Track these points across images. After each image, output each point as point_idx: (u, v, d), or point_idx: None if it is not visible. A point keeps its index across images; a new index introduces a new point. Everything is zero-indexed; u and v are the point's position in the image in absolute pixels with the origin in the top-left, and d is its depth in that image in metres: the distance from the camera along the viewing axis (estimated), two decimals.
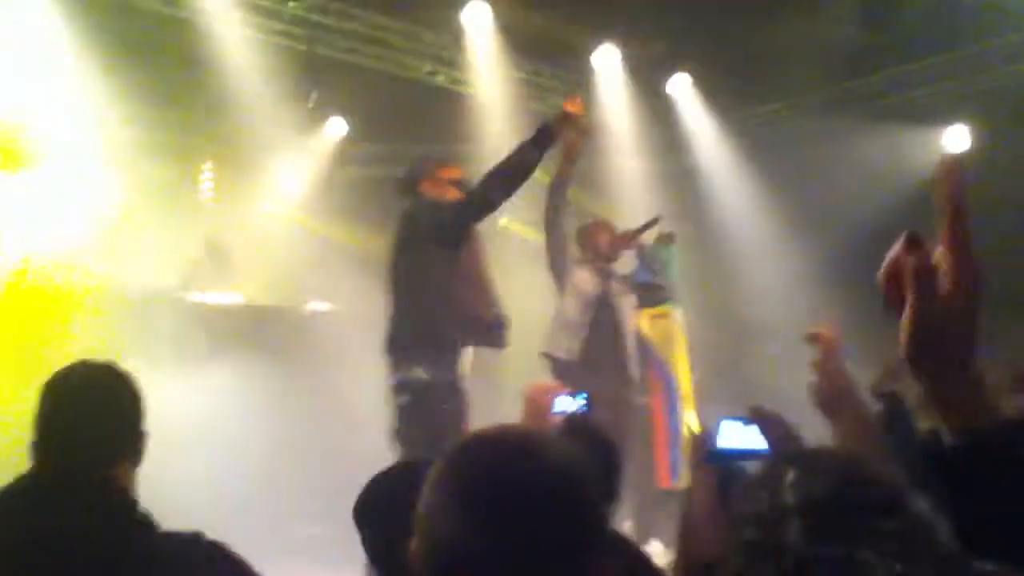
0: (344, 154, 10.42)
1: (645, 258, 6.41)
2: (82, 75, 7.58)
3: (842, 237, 8.32)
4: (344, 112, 9.96)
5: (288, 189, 10.15)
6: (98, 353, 2.56)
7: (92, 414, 2.23)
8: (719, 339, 8.35)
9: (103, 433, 2.21)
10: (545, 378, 5.52)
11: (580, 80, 9.24)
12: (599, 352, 5.74)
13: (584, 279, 5.83)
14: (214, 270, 8.51)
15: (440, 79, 9.05)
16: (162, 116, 9.19)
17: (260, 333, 7.84)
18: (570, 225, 6.04)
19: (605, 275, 5.93)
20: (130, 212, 8.77)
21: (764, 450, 2.26)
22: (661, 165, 9.57)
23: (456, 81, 9.01)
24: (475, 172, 9.30)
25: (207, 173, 10.20)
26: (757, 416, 2.29)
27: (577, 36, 8.76)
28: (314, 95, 8.87)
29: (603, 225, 6.14)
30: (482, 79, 8.82)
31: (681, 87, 9.27)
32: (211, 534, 2.20)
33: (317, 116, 9.55)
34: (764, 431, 2.26)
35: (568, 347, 5.72)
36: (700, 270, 8.79)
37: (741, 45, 8.41)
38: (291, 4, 7.97)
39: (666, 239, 6.60)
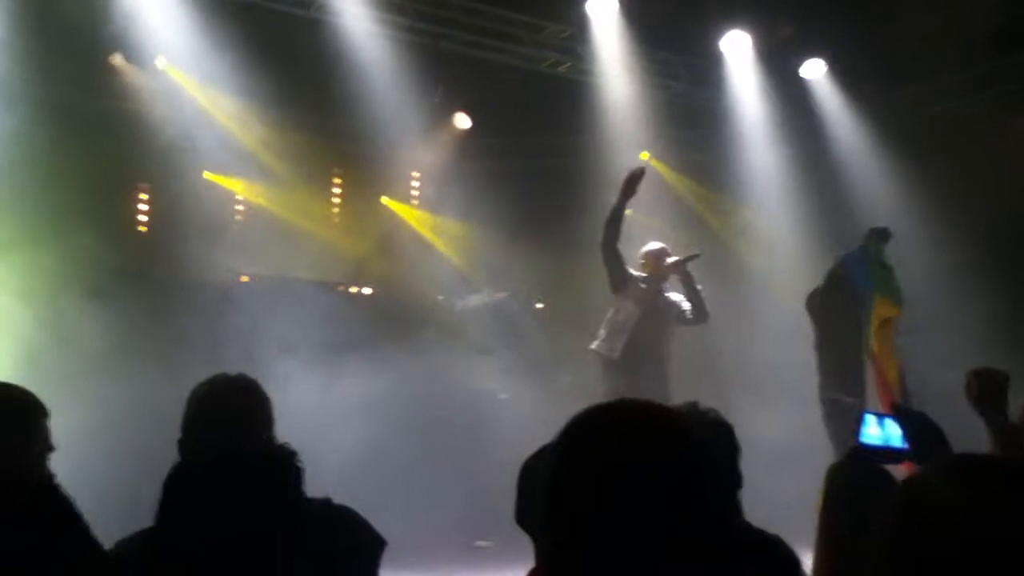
0: (468, 148, 10.51)
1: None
2: (215, 78, 7.92)
3: (991, 224, 7.86)
4: (468, 106, 10.04)
5: (414, 184, 10.33)
6: None
7: (230, 414, 2.60)
8: None
9: (240, 428, 2.56)
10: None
11: (708, 66, 9.03)
12: (639, 353, 6.64)
13: (638, 292, 6.79)
14: (382, 264, 8.79)
15: (564, 70, 9.00)
16: (292, 116, 9.49)
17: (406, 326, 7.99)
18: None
19: (656, 292, 6.89)
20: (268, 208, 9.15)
21: (905, 449, 2.19)
22: (795, 152, 9.25)
23: (580, 72, 8.95)
24: (597, 163, 9.39)
25: (336, 170, 10.49)
26: (900, 414, 2.21)
27: (704, 22, 8.55)
28: (440, 90, 8.96)
29: (663, 252, 7.01)
30: (607, 69, 8.72)
31: (816, 72, 8.93)
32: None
33: (443, 111, 9.65)
34: (907, 430, 2.18)
35: (611, 346, 6.70)
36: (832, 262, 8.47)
37: (878, 25, 8.05)
38: (415, 0, 8.07)
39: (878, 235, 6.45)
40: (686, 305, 6.93)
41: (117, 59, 8.55)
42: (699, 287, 6.96)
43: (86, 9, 7.37)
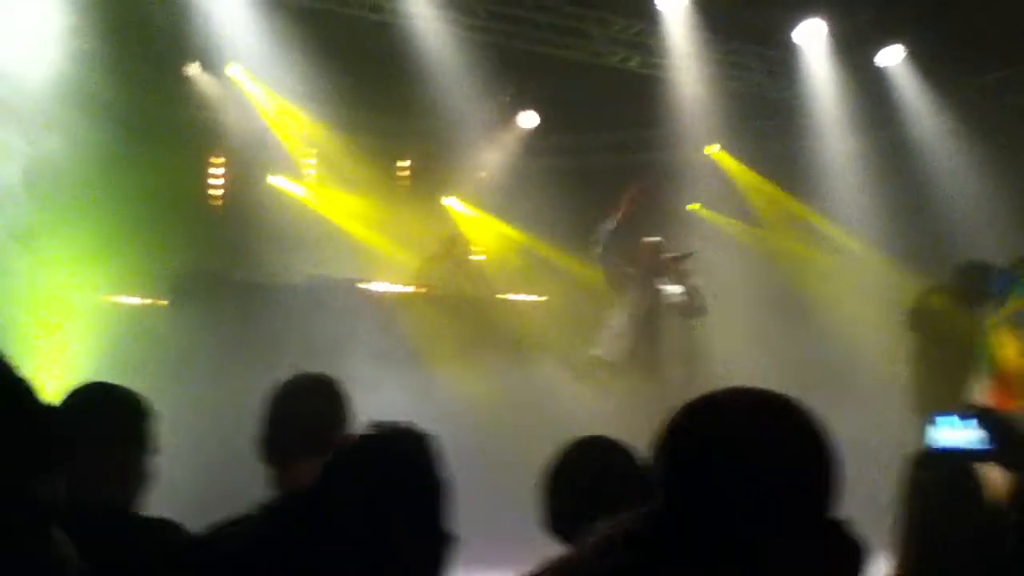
0: (537, 145, 10.51)
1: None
2: (288, 84, 8.04)
3: None
4: (538, 103, 10.04)
5: (484, 182, 10.37)
6: None
7: (309, 411, 2.63)
8: None
9: (315, 426, 2.56)
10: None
11: (782, 57, 8.87)
12: (640, 354, 6.84)
13: (635, 294, 6.95)
14: (449, 268, 8.86)
15: (633, 64, 8.93)
16: (363, 119, 9.59)
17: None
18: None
19: (653, 288, 6.99)
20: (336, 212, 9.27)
21: (984, 448, 2.15)
22: (872, 141, 9.04)
23: (651, 66, 8.87)
24: (667, 157, 9.29)
25: (405, 171, 10.60)
26: (979, 415, 2.19)
27: (778, 12, 8.40)
28: (512, 88, 8.98)
29: (659, 246, 7.14)
30: (678, 63, 8.63)
31: (894, 58, 8.70)
32: None
33: (512, 109, 9.67)
34: (986, 428, 2.15)
35: (612, 350, 6.90)
36: (916, 250, 8.26)
37: (959, 9, 7.80)
38: (486, 0, 8.10)
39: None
40: (684, 298, 7.09)
41: (194, 68, 8.76)
42: (697, 282, 7.18)
43: (165, 19, 7.54)
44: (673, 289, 7.08)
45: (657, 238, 7.19)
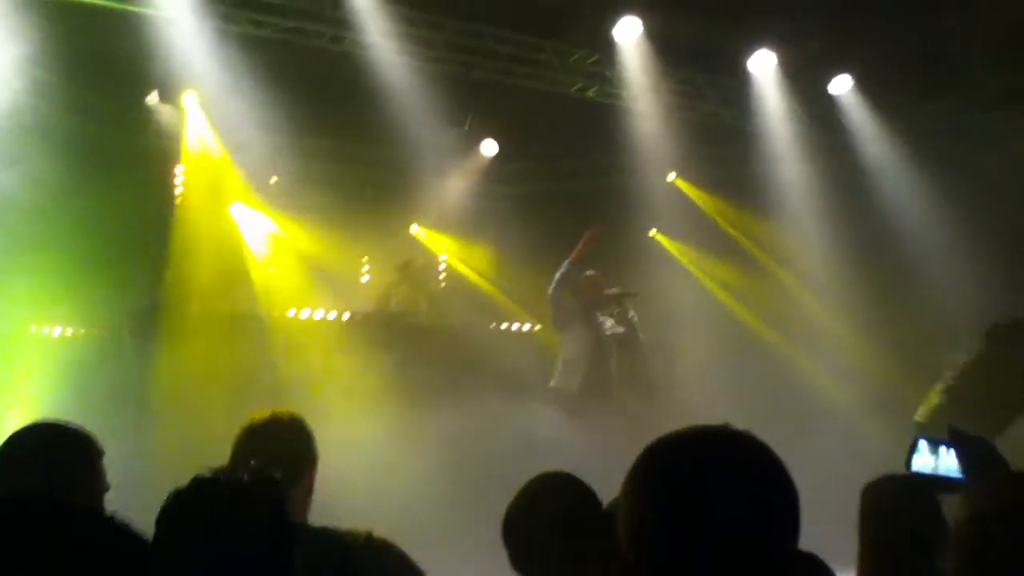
0: (497, 172, 10.60)
1: None
2: (248, 112, 8.04)
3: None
4: (497, 132, 10.13)
5: (443, 211, 10.41)
6: None
7: (273, 449, 2.65)
8: (896, 349, 7.96)
9: (279, 463, 2.48)
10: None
11: (734, 86, 9.05)
12: (596, 384, 7.08)
13: (582, 327, 7.17)
14: (407, 292, 8.86)
15: (591, 93, 9.06)
16: (326, 146, 9.60)
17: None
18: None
19: (596, 321, 7.27)
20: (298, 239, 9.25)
21: (959, 479, 2.11)
22: (825, 168, 9.24)
23: (608, 95, 9.00)
24: (626, 184, 9.41)
25: (366, 199, 10.60)
26: (957, 440, 2.13)
27: (731, 42, 8.58)
28: (470, 117, 9.06)
29: (593, 279, 7.34)
30: (634, 92, 8.77)
31: (843, 87, 8.92)
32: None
33: (472, 137, 9.74)
34: (962, 457, 2.11)
35: (570, 382, 7.13)
36: (870, 274, 8.43)
37: (907, 38, 8.02)
38: (445, 31, 8.17)
39: None
40: (621, 331, 7.35)
41: (152, 97, 8.72)
42: (633, 317, 7.40)
43: (123, 48, 7.51)
44: (611, 322, 7.33)
45: (594, 272, 7.37)
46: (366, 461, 6.00)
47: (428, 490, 6.22)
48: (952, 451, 2.12)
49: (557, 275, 7.14)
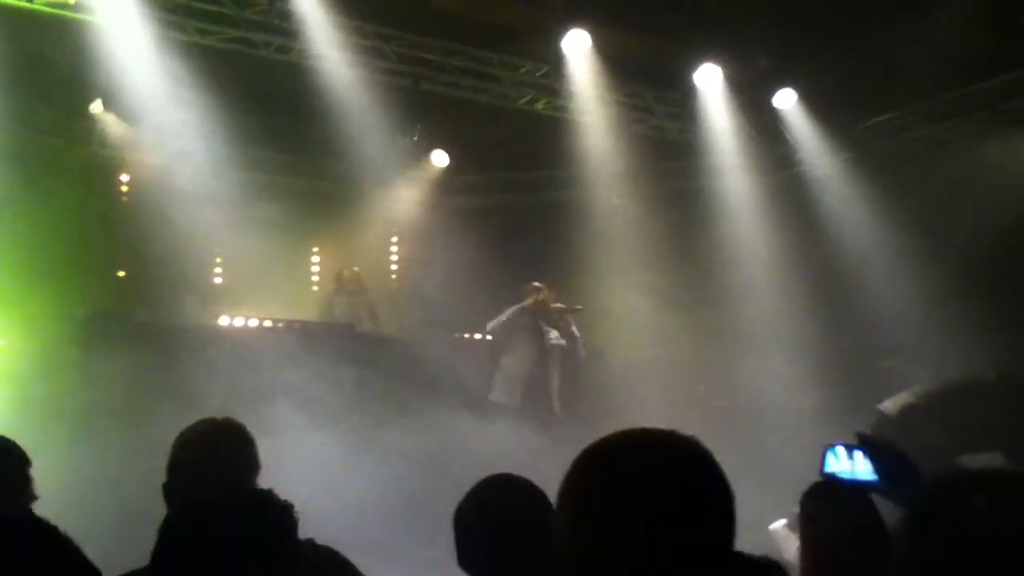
0: (447, 184, 10.61)
1: None
2: (200, 120, 7.96)
3: (964, 249, 7.99)
4: (447, 144, 10.15)
5: (394, 221, 10.41)
6: None
7: (213, 457, 2.64)
8: (836, 357, 8.11)
9: (221, 472, 2.60)
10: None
11: (681, 100, 9.18)
12: (536, 395, 7.32)
13: (526, 346, 7.41)
14: (346, 302, 8.81)
15: (540, 107, 9.13)
16: (274, 158, 9.54)
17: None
18: None
19: (539, 332, 7.48)
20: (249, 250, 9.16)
21: (872, 482, 2.13)
22: (770, 181, 9.40)
23: (557, 108, 9.08)
24: (574, 196, 9.48)
25: (315, 209, 10.54)
26: (867, 445, 2.16)
27: (677, 57, 8.70)
28: (419, 129, 9.06)
29: (539, 292, 7.58)
30: (582, 104, 8.85)
31: (787, 101, 9.09)
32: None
33: (422, 149, 9.75)
34: (874, 461, 2.14)
35: (510, 394, 7.32)
36: (813, 285, 8.58)
37: (850, 55, 8.20)
38: (394, 43, 8.18)
39: None
40: (562, 342, 7.58)
41: (96, 106, 8.60)
42: (576, 331, 7.62)
43: (67, 58, 7.41)
44: (556, 334, 7.51)
45: (538, 284, 7.59)
46: (315, 471, 5.96)
47: (377, 500, 6.20)
48: (865, 456, 2.15)
49: (504, 317, 7.46)
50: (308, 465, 6.04)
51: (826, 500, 2.53)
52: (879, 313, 8.37)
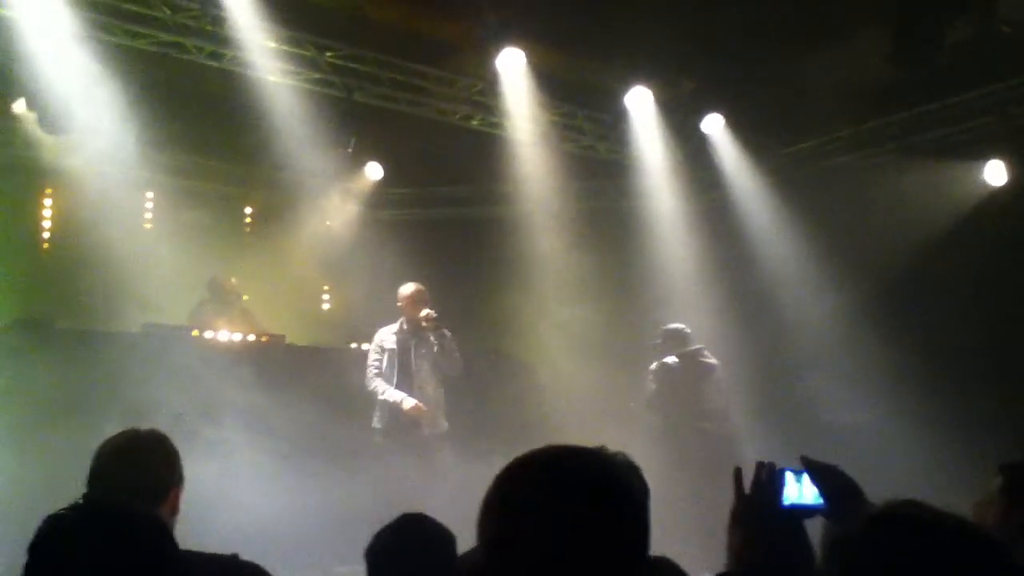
0: (380, 197, 10.61)
1: None
2: (127, 125, 7.82)
3: (878, 272, 8.29)
4: (381, 156, 10.16)
5: (325, 232, 10.34)
6: None
7: (135, 467, 2.63)
8: (757, 376, 8.32)
9: (141, 483, 2.58)
10: None
11: (612, 121, 9.34)
12: (400, 419, 7.00)
13: (387, 365, 7.12)
14: (216, 310, 8.67)
15: (475, 123, 9.20)
16: (207, 165, 9.42)
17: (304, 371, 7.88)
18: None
19: (408, 347, 7.13)
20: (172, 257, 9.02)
21: (819, 506, 2.10)
22: (697, 203, 9.62)
23: (491, 125, 9.16)
24: (507, 213, 9.57)
25: (248, 219, 10.45)
26: (811, 468, 2.13)
27: (609, 79, 8.87)
28: (353, 141, 9.05)
29: (420, 295, 7.21)
30: (516, 122, 8.95)
31: (714, 126, 9.33)
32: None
33: (355, 161, 9.73)
34: (819, 485, 2.11)
35: (380, 417, 7.07)
36: (736, 308, 8.79)
37: (774, 83, 8.46)
38: (329, 54, 8.16)
39: None
40: (438, 350, 7.12)
41: (19, 106, 8.39)
42: (449, 340, 7.14)
43: None
44: (429, 340, 7.13)
45: (414, 286, 7.24)
46: (242, 484, 5.91)
47: (302, 515, 6.16)
48: (812, 480, 2.12)
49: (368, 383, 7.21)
50: (236, 477, 5.99)
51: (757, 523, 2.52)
52: (798, 332, 8.63)
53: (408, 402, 7.01)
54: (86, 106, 7.73)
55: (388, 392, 7.07)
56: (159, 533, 1.88)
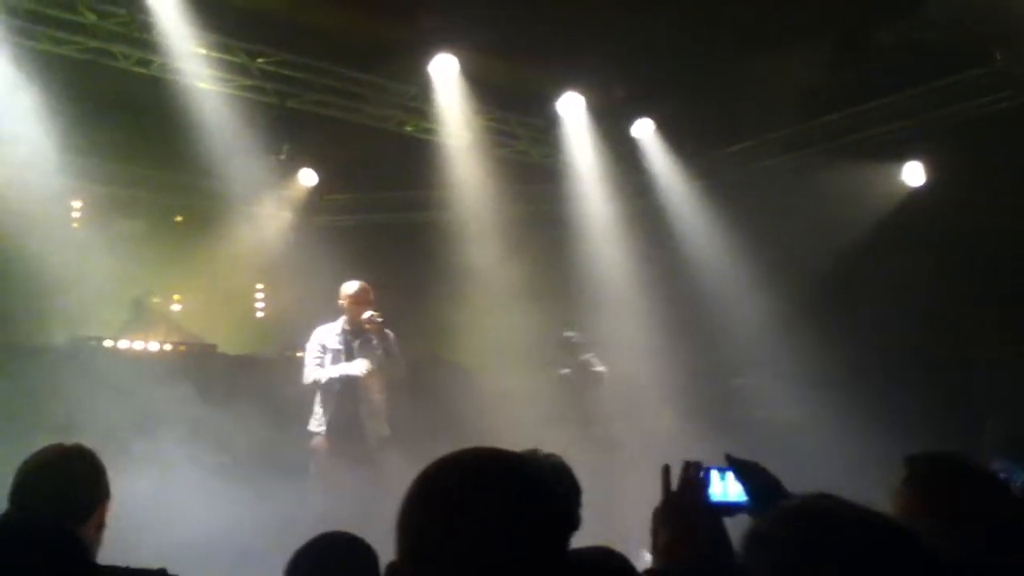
0: (315, 203, 10.54)
1: None
2: (51, 133, 7.64)
3: (807, 272, 8.48)
4: (315, 163, 10.09)
5: (259, 240, 10.23)
6: None
7: (58, 483, 2.61)
8: (691, 376, 8.45)
9: (65, 498, 2.56)
10: None
11: (545, 126, 9.42)
12: (342, 424, 6.66)
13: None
14: (138, 322, 8.56)
15: (409, 129, 9.20)
16: (137, 172, 9.24)
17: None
18: None
19: (351, 351, 6.75)
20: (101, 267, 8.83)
21: (743, 503, 2.14)
22: (629, 207, 9.73)
23: (425, 130, 9.16)
24: (442, 218, 9.58)
25: (179, 227, 10.27)
26: (735, 465, 2.18)
27: (541, 84, 8.94)
28: (286, 147, 8.98)
29: (363, 294, 6.81)
30: (450, 127, 8.97)
31: (645, 131, 9.46)
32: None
33: (289, 167, 9.65)
34: (744, 482, 2.16)
35: (320, 422, 6.71)
36: (670, 310, 8.92)
37: (705, 88, 8.60)
38: (260, 60, 8.09)
39: None
40: (382, 354, 6.73)
41: None
42: (393, 343, 6.79)
43: None
44: (376, 343, 6.76)
45: (358, 283, 6.86)
46: (174, 498, 5.81)
47: (237, 528, 6.07)
48: (736, 477, 2.17)
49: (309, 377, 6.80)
50: (170, 491, 5.90)
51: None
52: (730, 333, 8.79)
53: (357, 366, 6.59)
54: (7, 114, 7.55)
55: (331, 369, 6.64)
56: (73, 547, 1.87)
